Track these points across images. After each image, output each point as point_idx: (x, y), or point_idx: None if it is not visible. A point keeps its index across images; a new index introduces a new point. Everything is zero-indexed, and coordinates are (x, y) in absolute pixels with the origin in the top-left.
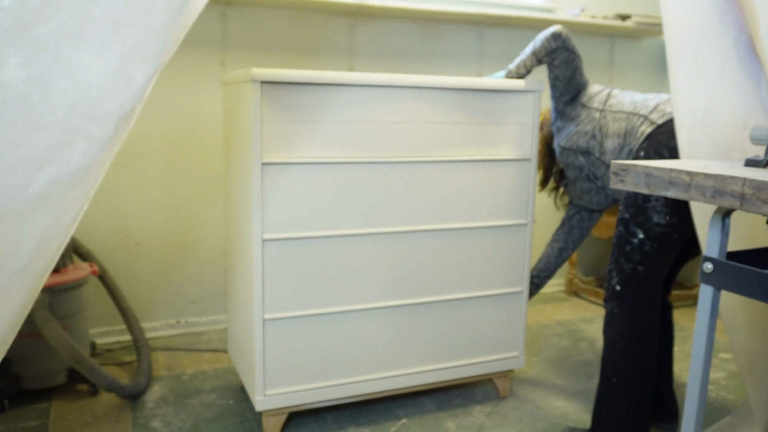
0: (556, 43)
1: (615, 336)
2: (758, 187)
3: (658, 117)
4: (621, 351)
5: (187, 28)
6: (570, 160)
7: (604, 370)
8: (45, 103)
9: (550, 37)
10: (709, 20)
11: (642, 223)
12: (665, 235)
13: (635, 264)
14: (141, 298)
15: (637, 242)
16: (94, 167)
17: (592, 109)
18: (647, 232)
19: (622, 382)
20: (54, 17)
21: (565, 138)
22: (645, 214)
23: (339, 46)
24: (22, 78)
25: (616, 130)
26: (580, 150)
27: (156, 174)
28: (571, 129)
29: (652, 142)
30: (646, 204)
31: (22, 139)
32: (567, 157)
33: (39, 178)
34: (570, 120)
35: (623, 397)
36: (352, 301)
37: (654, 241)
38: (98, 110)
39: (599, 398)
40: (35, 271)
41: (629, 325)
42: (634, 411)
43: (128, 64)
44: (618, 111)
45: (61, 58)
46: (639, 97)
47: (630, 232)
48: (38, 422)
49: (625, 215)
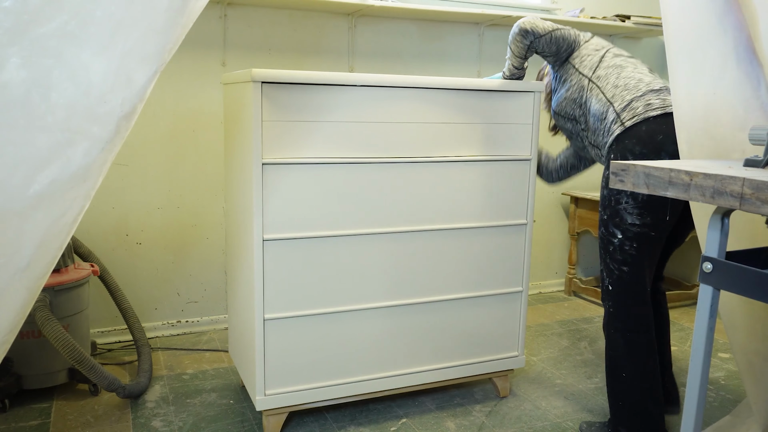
0: (528, 39)
1: (614, 333)
2: (757, 187)
3: (628, 117)
4: (622, 347)
5: (188, 28)
6: (561, 123)
7: (610, 367)
8: (46, 103)
9: (519, 37)
10: (708, 21)
11: (618, 224)
12: (642, 235)
13: (620, 264)
14: (141, 298)
15: (618, 242)
16: (94, 167)
17: (582, 75)
18: (624, 232)
19: (630, 376)
20: (55, 18)
21: (556, 101)
22: (619, 216)
23: (339, 46)
24: (23, 78)
25: (596, 112)
26: (568, 117)
27: (156, 174)
28: (561, 93)
29: (619, 145)
30: (618, 206)
31: (23, 139)
32: (558, 119)
33: (40, 178)
34: (562, 82)
35: (635, 390)
36: (352, 301)
37: (632, 241)
38: (99, 110)
39: (612, 394)
40: (36, 271)
41: (625, 322)
42: (649, 399)
43: (129, 65)
44: (602, 89)
45: (61, 58)
46: (623, 79)
47: (610, 232)
48: (39, 422)
49: (604, 216)
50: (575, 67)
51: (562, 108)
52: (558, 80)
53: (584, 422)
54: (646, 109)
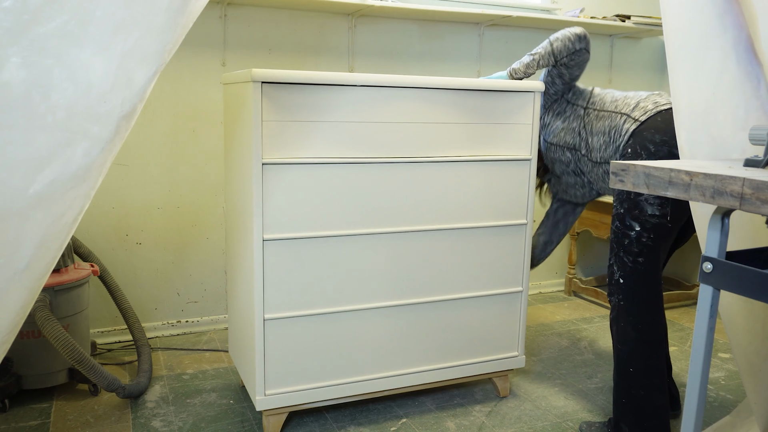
0: (581, 45)
1: (625, 327)
2: (757, 187)
3: (641, 114)
4: (633, 340)
5: (188, 28)
6: (557, 156)
7: (619, 361)
8: (46, 103)
9: (575, 38)
10: (708, 21)
11: (637, 216)
12: (660, 226)
13: (635, 256)
14: (141, 298)
15: (635, 235)
16: (94, 167)
17: (577, 105)
18: (643, 224)
19: (639, 371)
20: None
21: (552, 134)
22: (639, 207)
23: (339, 46)
24: (23, 78)
25: (600, 128)
26: (567, 146)
27: (156, 174)
28: (557, 125)
29: (637, 138)
30: (639, 197)
31: (23, 139)
32: (554, 152)
33: (40, 178)
34: (557, 116)
35: (642, 385)
36: (352, 301)
37: (650, 232)
38: (99, 110)
39: (618, 389)
40: (36, 271)
41: (637, 315)
42: (654, 396)
43: (129, 65)
44: (600, 109)
45: (61, 58)
46: (619, 95)
47: (627, 225)
48: (39, 422)
49: (620, 210)
50: (569, 101)
51: (561, 138)
52: (550, 114)
53: (584, 422)
54: (656, 105)
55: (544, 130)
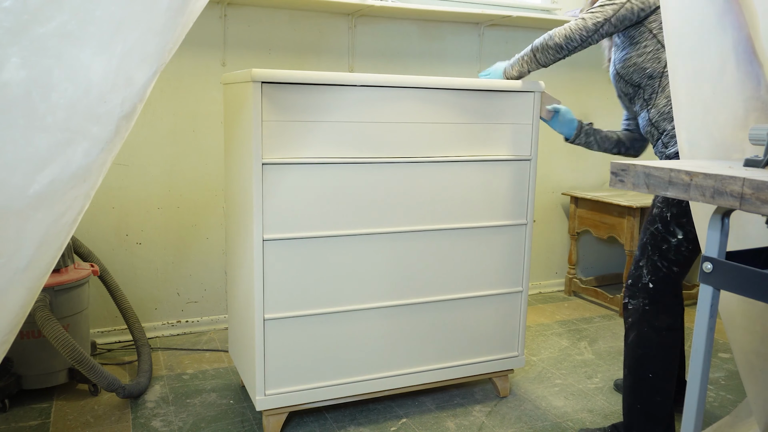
0: (571, 46)
1: (648, 332)
2: (757, 187)
3: None
4: (656, 345)
5: (188, 28)
6: (620, 85)
7: (637, 366)
8: (46, 103)
9: (554, 52)
10: (708, 20)
11: (684, 224)
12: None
13: (671, 264)
14: (141, 298)
15: (676, 242)
16: (94, 167)
17: (661, 43)
18: (687, 234)
19: (658, 377)
20: (55, 17)
21: (621, 61)
22: (688, 216)
23: (339, 46)
24: (23, 78)
25: (669, 94)
26: (632, 83)
27: (156, 174)
28: (629, 53)
29: None
30: (690, 206)
31: (23, 139)
32: (618, 81)
33: (40, 178)
34: (632, 43)
35: (659, 391)
36: (352, 301)
37: (691, 243)
38: (99, 110)
39: (634, 394)
40: (36, 271)
41: (663, 321)
42: (668, 403)
43: (129, 65)
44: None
45: (61, 58)
46: None
47: (670, 231)
48: (39, 422)
49: (666, 213)
50: (652, 31)
51: (628, 72)
52: (625, 36)
53: (582, 429)
54: None
55: (616, 50)
